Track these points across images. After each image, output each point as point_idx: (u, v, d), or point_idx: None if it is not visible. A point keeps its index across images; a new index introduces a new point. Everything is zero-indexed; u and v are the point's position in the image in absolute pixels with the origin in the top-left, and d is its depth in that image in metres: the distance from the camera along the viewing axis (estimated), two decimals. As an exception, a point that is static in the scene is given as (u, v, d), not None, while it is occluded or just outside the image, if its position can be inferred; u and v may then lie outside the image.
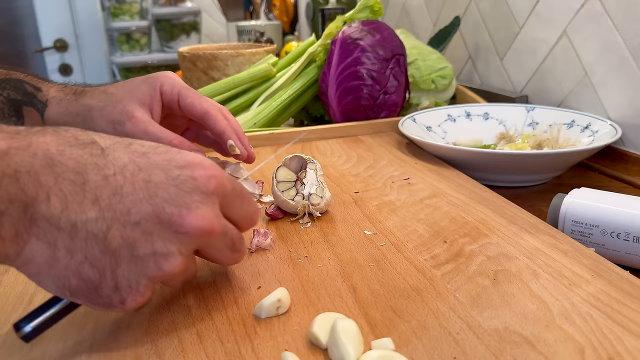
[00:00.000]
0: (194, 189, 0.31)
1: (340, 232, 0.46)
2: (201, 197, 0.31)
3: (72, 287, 0.29)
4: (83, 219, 0.28)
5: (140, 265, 0.29)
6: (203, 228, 0.30)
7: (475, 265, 0.40)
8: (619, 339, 0.31)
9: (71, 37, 2.04)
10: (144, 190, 0.30)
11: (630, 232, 0.43)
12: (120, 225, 0.29)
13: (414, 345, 0.31)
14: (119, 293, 0.29)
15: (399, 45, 0.80)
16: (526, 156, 0.59)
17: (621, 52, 0.68)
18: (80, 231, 0.28)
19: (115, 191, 0.29)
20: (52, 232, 0.28)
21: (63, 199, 0.28)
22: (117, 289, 0.29)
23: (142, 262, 0.29)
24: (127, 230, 0.29)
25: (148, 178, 0.30)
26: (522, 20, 0.88)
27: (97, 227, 0.29)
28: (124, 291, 0.29)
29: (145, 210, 0.29)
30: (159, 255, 0.30)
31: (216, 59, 1.00)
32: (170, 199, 0.30)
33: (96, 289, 0.29)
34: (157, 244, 0.29)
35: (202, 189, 0.31)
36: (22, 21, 2.03)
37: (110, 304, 0.30)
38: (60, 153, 0.29)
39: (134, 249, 0.29)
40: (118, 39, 2.05)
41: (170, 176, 0.31)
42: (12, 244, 0.28)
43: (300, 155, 0.52)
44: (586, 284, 0.37)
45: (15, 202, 0.27)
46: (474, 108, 0.79)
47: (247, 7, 2.03)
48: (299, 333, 0.33)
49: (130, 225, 0.29)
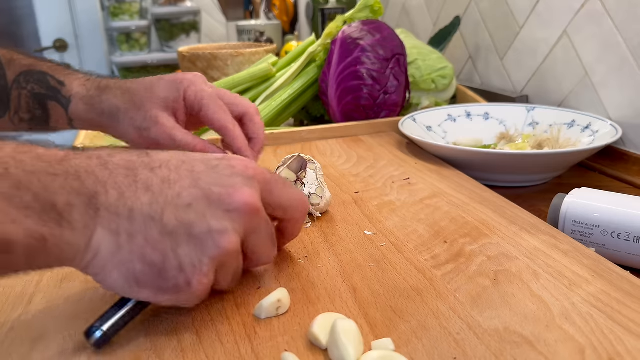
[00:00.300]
0: (234, 174, 0.33)
1: (340, 232, 0.46)
2: (242, 179, 0.33)
3: (137, 273, 0.30)
4: (138, 204, 0.30)
5: (200, 244, 0.31)
6: (251, 204, 0.32)
7: (475, 265, 0.40)
8: (620, 339, 0.31)
9: (71, 37, 2.04)
10: (189, 178, 0.32)
11: (630, 232, 0.43)
12: (173, 208, 0.31)
13: (414, 346, 0.31)
14: (184, 273, 0.30)
15: (399, 45, 0.80)
16: (526, 156, 0.59)
17: (622, 52, 0.68)
18: (137, 215, 0.30)
19: (164, 180, 0.32)
20: (113, 219, 0.30)
21: (119, 190, 0.31)
22: (181, 269, 0.30)
23: (201, 241, 0.31)
24: (180, 212, 0.31)
25: (191, 168, 0.33)
26: (522, 20, 0.88)
27: (153, 210, 0.30)
28: (188, 271, 0.30)
29: (195, 193, 0.31)
30: (215, 233, 0.31)
31: (216, 58, 1.00)
32: (216, 182, 0.32)
33: (161, 273, 0.30)
34: (211, 222, 0.31)
35: (242, 174, 0.33)
36: (22, 21, 2.03)
37: (177, 287, 0.31)
38: (110, 156, 0.32)
39: (190, 229, 0.31)
40: (118, 38, 2.05)
41: (210, 165, 0.33)
42: (83, 234, 0.30)
43: (300, 155, 0.52)
44: (586, 284, 0.37)
45: (81, 195, 0.30)
46: (474, 108, 0.79)
47: (247, 7, 2.03)
48: (299, 333, 0.33)
49: (183, 207, 0.31)
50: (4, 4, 2.00)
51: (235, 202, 0.32)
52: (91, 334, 0.31)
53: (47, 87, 0.55)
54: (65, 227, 0.29)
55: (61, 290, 0.38)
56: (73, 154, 0.31)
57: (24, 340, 0.33)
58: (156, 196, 0.31)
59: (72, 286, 0.39)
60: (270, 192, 0.35)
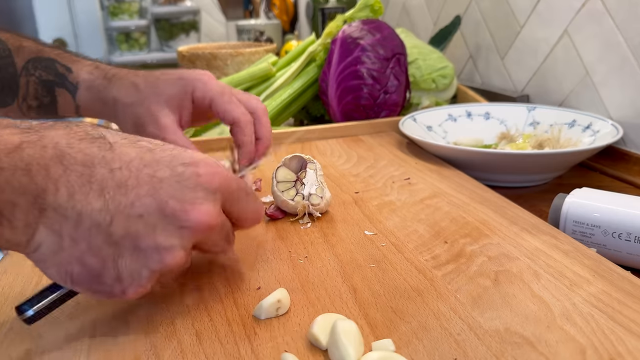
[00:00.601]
0: (197, 185, 0.31)
1: (340, 233, 0.46)
2: (204, 194, 0.31)
3: (74, 274, 0.30)
4: (88, 209, 0.29)
5: (143, 258, 0.30)
6: (205, 224, 0.31)
7: (476, 265, 0.40)
8: (620, 339, 0.31)
9: (70, 37, 2.04)
10: (148, 184, 0.30)
11: (631, 233, 0.43)
12: (123, 217, 0.29)
13: (414, 346, 0.31)
14: (120, 283, 0.30)
15: (399, 45, 0.80)
16: (527, 156, 0.58)
17: (622, 52, 0.68)
18: (85, 220, 0.29)
19: (120, 184, 0.30)
20: (58, 220, 0.29)
21: (70, 189, 0.29)
22: (119, 279, 0.30)
23: (145, 254, 0.30)
24: (130, 223, 0.30)
25: (153, 173, 0.31)
26: (523, 20, 0.88)
27: (101, 218, 0.29)
28: (125, 281, 0.30)
29: (149, 204, 0.30)
30: (161, 249, 0.30)
31: (215, 58, 0.99)
32: (174, 194, 0.31)
33: (98, 278, 0.30)
34: (159, 238, 0.30)
35: (205, 186, 0.32)
36: (22, 21, 2.02)
37: (111, 293, 0.30)
38: (69, 146, 0.30)
39: (137, 241, 0.30)
40: (117, 38, 2.05)
41: (174, 172, 0.31)
42: (23, 233, 0.29)
43: (300, 155, 0.52)
44: (587, 285, 0.36)
45: (26, 193, 0.28)
46: (475, 108, 0.79)
47: (247, 6, 2.03)
48: (299, 334, 0.32)
49: (134, 218, 0.30)
50: (4, 4, 2.00)
51: (190, 220, 0.31)
52: (22, 311, 0.32)
53: (55, 73, 0.54)
54: (5, 226, 0.28)
55: (60, 291, 0.38)
56: (27, 143, 0.29)
57: (23, 341, 0.33)
58: (108, 203, 0.30)
59: (71, 286, 0.39)
60: (232, 204, 0.34)
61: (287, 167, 0.51)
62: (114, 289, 0.30)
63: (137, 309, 0.36)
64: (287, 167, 0.51)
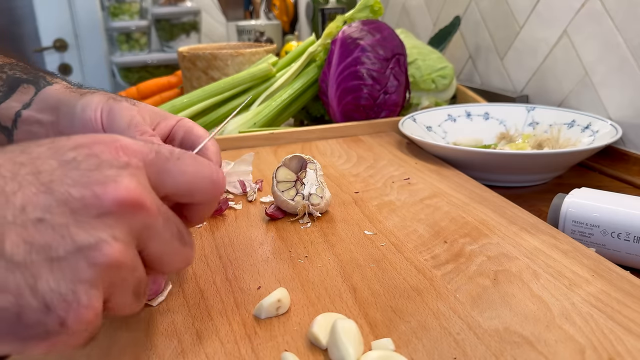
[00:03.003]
0: (100, 164, 0.25)
1: (340, 232, 0.46)
2: (115, 171, 0.25)
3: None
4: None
5: (68, 269, 0.23)
6: (129, 200, 0.24)
7: (475, 265, 0.40)
8: (620, 339, 0.31)
9: (71, 37, 2.04)
10: (34, 183, 0.23)
11: (630, 232, 0.43)
12: (18, 228, 0.22)
13: (414, 346, 0.31)
14: (53, 313, 0.22)
15: (399, 45, 0.80)
16: (526, 156, 0.59)
17: (622, 52, 0.68)
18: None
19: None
20: None
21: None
22: (47, 309, 0.22)
23: (68, 264, 0.23)
24: (29, 232, 0.22)
25: (36, 170, 0.24)
26: (522, 20, 0.88)
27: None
28: (59, 309, 0.22)
29: (46, 202, 0.23)
30: (86, 249, 0.23)
31: (216, 58, 1.00)
32: (75, 182, 0.24)
33: (19, 319, 0.22)
34: (78, 237, 0.23)
35: (112, 163, 0.25)
36: (22, 21, 2.03)
37: (47, 332, 0.22)
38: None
39: (49, 252, 0.22)
40: (118, 38, 2.05)
41: (64, 161, 0.24)
42: None
43: (300, 155, 0.52)
44: (586, 284, 0.37)
45: None
46: (474, 108, 0.79)
47: (247, 7, 2.03)
48: (299, 333, 0.33)
49: (32, 224, 0.22)
50: (4, 3, 2.00)
51: (106, 202, 0.24)
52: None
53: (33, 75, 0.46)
54: None
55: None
56: None
57: (23, 341, 0.33)
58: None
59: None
60: (161, 174, 0.27)
61: (287, 167, 0.51)
62: (48, 325, 0.22)
63: (138, 308, 0.36)
64: (287, 167, 0.51)
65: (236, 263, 0.41)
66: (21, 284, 0.22)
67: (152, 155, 0.27)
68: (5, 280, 0.22)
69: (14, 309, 0.22)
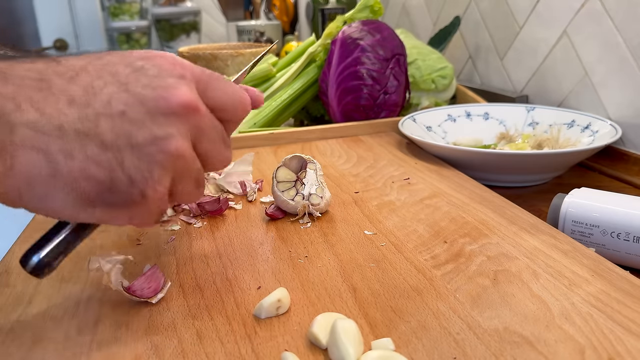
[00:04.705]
0: (162, 73, 0.29)
1: (340, 232, 0.46)
2: (174, 80, 0.30)
3: (85, 192, 0.27)
4: (66, 120, 0.27)
5: (146, 153, 0.28)
6: (189, 104, 0.29)
7: (475, 265, 0.40)
8: (619, 339, 0.31)
9: (71, 37, 2.04)
10: (115, 83, 0.28)
11: (630, 232, 0.43)
12: (106, 118, 0.27)
13: (414, 346, 0.31)
14: (136, 186, 0.28)
15: (399, 45, 0.80)
16: (526, 156, 0.59)
17: (621, 52, 0.68)
18: (69, 132, 0.26)
19: (87, 88, 0.28)
20: (39, 138, 0.26)
21: (35, 105, 0.26)
22: (132, 182, 0.28)
23: (146, 149, 0.28)
24: (115, 122, 0.27)
25: (114, 71, 0.29)
26: (522, 20, 0.88)
27: (84, 125, 0.27)
28: (140, 183, 0.28)
29: (126, 99, 0.28)
30: (158, 139, 0.28)
31: (216, 58, 1.00)
32: (146, 85, 0.29)
33: (110, 188, 0.28)
34: (153, 129, 0.28)
35: (171, 73, 0.30)
36: (22, 21, 2.03)
37: (130, 200, 0.28)
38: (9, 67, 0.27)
39: (131, 139, 0.28)
40: (118, 38, 2.05)
41: (135, 68, 0.29)
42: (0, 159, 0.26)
43: (300, 155, 0.52)
44: (586, 284, 0.37)
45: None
46: (474, 108, 0.79)
47: (247, 7, 2.03)
48: (299, 333, 0.33)
49: (117, 116, 0.28)
50: (4, 4, 2.00)
51: (172, 104, 0.29)
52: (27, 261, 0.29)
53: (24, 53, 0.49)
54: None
55: (60, 291, 0.38)
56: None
57: (23, 341, 0.33)
58: (83, 108, 0.27)
59: (72, 287, 0.39)
60: (206, 90, 0.32)
61: (287, 167, 0.51)
62: (132, 194, 0.28)
63: (138, 308, 0.36)
64: (287, 167, 0.51)
65: (236, 263, 0.42)
66: (112, 161, 0.27)
67: (199, 72, 0.32)
68: (100, 157, 0.27)
69: (107, 180, 0.27)
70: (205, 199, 0.50)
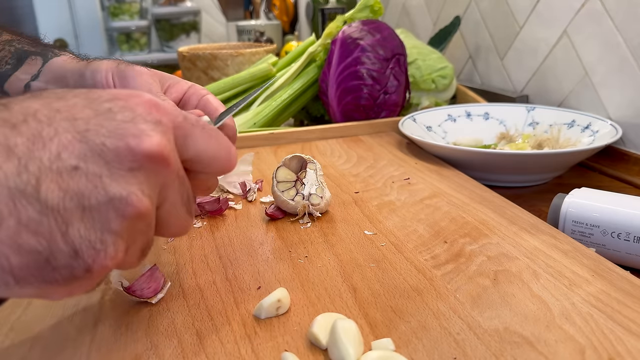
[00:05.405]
0: (135, 117, 0.25)
1: (340, 232, 0.46)
2: (148, 125, 0.25)
3: (14, 268, 0.22)
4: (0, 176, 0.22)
5: (98, 218, 0.23)
6: (158, 155, 0.25)
7: (475, 265, 0.40)
8: (620, 339, 0.31)
9: (71, 37, 2.04)
10: (70, 130, 0.23)
11: (630, 232, 0.43)
12: (53, 174, 0.22)
13: (414, 346, 0.31)
14: (80, 259, 0.23)
15: (399, 45, 0.80)
16: (526, 156, 0.59)
17: (622, 52, 0.68)
18: (1, 191, 0.21)
19: (34, 137, 0.23)
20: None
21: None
22: (75, 254, 0.23)
23: (99, 213, 0.23)
24: (64, 179, 0.23)
25: (72, 117, 0.24)
26: (522, 20, 0.88)
27: (23, 182, 0.22)
28: (86, 255, 0.23)
29: (81, 151, 0.23)
30: (116, 200, 0.23)
31: (216, 58, 1.00)
32: (110, 133, 0.24)
33: (48, 261, 0.22)
34: (110, 188, 0.23)
35: (146, 118, 0.25)
36: (22, 21, 2.03)
37: (72, 277, 0.23)
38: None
39: (82, 200, 0.23)
40: (118, 38, 2.05)
41: (99, 111, 0.25)
42: None
43: (300, 155, 0.52)
44: (586, 284, 0.37)
45: None
46: (474, 108, 0.79)
47: (247, 7, 2.03)
48: (299, 333, 0.33)
49: (67, 172, 0.23)
50: (4, 3, 2.00)
51: (138, 154, 0.24)
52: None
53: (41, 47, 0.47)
54: None
55: (61, 290, 0.38)
56: None
57: (23, 341, 0.33)
58: (24, 161, 0.22)
59: (72, 286, 0.39)
60: (187, 139, 0.28)
61: (287, 167, 0.51)
62: (73, 270, 0.23)
63: (138, 308, 0.36)
64: (287, 167, 0.51)
65: (236, 263, 0.41)
66: (53, 228, 0.22)
67: (181, 118, 0.28)
68: (38, 224, 0.22)
69: (45, 252, 0.22)
70: (205, 199, 0.50)
